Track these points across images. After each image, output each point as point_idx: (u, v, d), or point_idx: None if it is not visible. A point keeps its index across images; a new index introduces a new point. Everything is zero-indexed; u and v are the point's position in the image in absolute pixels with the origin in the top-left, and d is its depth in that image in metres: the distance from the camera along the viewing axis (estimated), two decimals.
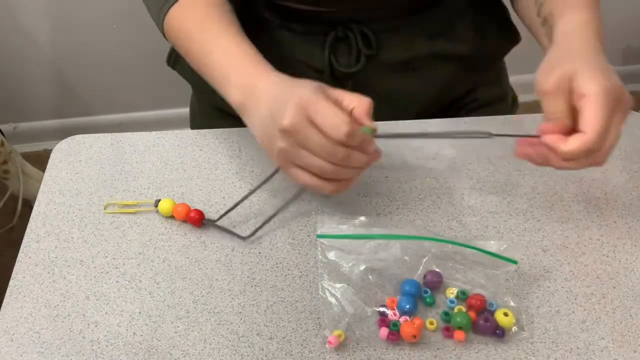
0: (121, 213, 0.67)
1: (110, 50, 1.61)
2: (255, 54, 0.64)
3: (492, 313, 0.57)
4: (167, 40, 0.72)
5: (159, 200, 0.66)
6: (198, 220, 0.65)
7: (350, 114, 0.56)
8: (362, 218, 0.63)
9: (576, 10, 0.63)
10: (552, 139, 0.56)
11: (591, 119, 0.53)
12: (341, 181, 0.59)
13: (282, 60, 0.78)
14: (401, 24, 0.75)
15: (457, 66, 0.81)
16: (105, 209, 0.67)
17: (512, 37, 0.86)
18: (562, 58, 0.59)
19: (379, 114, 0.69)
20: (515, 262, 0.59)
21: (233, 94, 0.62)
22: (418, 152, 0.72)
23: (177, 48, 0.71)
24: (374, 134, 0.57)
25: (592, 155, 0.56)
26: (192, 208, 0.65)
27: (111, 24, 1.56)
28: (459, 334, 0.56)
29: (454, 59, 0.80)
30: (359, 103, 0.56)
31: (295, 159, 0.57)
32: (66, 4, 1.51)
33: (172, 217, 0.66)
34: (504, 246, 0.60)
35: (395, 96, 0.79)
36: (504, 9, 0.85)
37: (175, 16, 0.68)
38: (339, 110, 0.55)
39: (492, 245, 0.60)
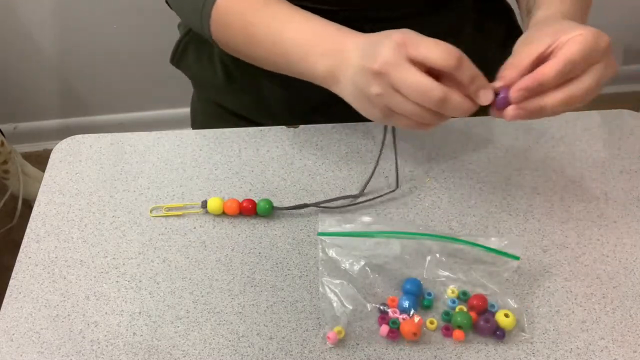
0: (167, 216, 0.66)
1: (111, 50, 1.60)
2: (333, 23, 0.61)
3: (493, 314, 0.57)
4: (213, 35, 0.68)
5: (206, 201, 0.66)
6: (252, 209, 0.65)
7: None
8: (362, 218, 0.63)
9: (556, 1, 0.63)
10: (532, 75, 0.54)
11: (572, 43, 0.52)
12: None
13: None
14: (412, 25, 0.75)
15: None
16: (150, 212, 0.67)
17: (517, 37, 0.86)
18: (540, 30, 0.58)
19: None
20: (517, 258, 0.59)
21: (320, 63, 0.59)
22: (419, 152, 0.72)
23: (230, 39, 0.68)
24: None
25: (577, 91, 0.53)
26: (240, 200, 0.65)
27: (111, 23, 1.56)
28: (458, 333, 0.56)
29: None
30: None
31: (392, 104, 0.54)
32: (66, 4, 1.51)
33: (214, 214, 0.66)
34: (505, 242, 0.60)
35: None
36: (509, 10, 0.85)
37: (223, 9, 0.66)
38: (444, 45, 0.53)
39: (493, 242, 0.60)
